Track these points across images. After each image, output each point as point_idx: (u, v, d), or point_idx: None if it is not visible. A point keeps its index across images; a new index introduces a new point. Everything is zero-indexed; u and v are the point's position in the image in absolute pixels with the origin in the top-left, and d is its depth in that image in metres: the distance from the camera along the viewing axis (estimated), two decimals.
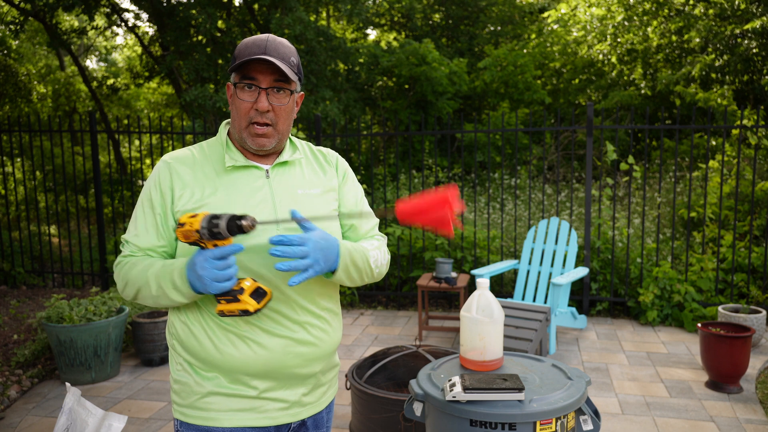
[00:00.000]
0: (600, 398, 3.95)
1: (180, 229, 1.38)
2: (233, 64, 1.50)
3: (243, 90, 1.49)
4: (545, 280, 5.23)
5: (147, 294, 1.49)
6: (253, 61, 1.47)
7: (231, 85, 1.54)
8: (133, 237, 1.54)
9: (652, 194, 7.94)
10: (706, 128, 5.65)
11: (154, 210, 1.52)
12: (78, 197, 10.32)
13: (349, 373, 3.29)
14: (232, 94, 1.54)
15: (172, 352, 1.59)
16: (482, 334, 1.97)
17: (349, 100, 10.55)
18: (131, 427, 3.59)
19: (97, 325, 4.17)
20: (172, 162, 1.55)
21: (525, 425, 1.70)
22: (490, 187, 6.96)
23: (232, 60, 1.53)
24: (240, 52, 1.50)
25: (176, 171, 1.53)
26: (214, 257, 1.36)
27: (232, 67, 1.51)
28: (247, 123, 1.51)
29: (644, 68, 10.85)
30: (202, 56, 9.31)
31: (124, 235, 1.57)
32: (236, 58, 1.50)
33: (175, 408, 1.57)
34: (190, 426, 1.53)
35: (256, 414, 1.53)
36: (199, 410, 1.52)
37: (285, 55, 1.50)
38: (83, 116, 9.71)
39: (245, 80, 1.49)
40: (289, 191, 1.58)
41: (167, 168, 1.54)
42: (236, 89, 1.51)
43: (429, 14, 14.24)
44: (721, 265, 5.70)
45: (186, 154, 1.58)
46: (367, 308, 6.20)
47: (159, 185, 1.52)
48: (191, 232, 1.36)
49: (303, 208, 1.56)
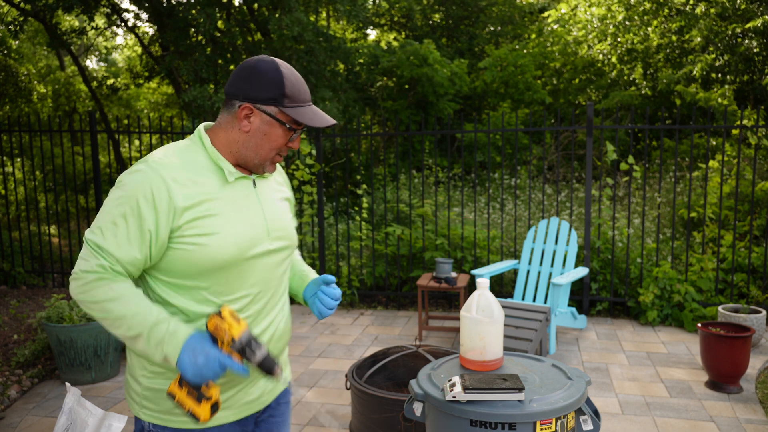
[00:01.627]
0: (600, 398, 3.95)
1: (216, 319, 1.41)
2: (286, 103, 1.52)
3: (282, 127, 1.54)
4: (545, 280, 5.23)
5: (118, 331, 1.45)
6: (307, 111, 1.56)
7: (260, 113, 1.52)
8: (113, 247, 1.44)
9: (652, 194, 7.94)
10: (706, 128, 5.65)
11: (143, 224, 1.44)
12: (78, 197, 10.31)
13: (349, 373, 3.29)
14: (261, 120, 1.53)
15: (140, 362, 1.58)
16: (482, 334, 1.97)
17: (349, 100, 10.55)
18: (131, 427, 3.59)
19: (97, 325, 4.17)
20: (164, 173, 1.46)
21: (525, 425, 1.70)
22: (490, 187, 6.97)
23: (273, 91, 1.51)
24: (293, 94, 1.53)
25: (171, 185, 1.45)
26: (224, 364, 1.40)
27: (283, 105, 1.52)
28: (274, 155, 1.58)
29: (644, 68, 10.85)
30: (202, 56, 9.31)
31: (95, 239, 1.45)
32: (288, 97, 1.52)
33: (146, 413, 1.58)
34: (166, 429, 1.57)
35: (230, 411, 1.62)
36: (178, 415, 1.56)
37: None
38: (83, 116, 9.71)
39: (294, 125, 1.55)
40: (270, 199, 1.66)
41: (161, 181, 1.45)
42: (271, 122, 1.53)
43: (429, 14, 14.24)
44: (721, 265, 5.70)
45: (172, 163, 1.49)
46: (367, 308, 6.20)
47: (153, 201, 1.43)
48: (225, 332, 1.39)
49: (282, 214, 1.68)
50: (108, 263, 1.44)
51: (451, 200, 7.69)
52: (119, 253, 1.44)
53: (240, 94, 1.52)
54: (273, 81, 1.50)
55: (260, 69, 1.51)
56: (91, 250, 1.45)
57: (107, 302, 1.43)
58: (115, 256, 1.44)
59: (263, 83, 1.50)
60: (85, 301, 1.47)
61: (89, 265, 1.44)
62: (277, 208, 1.67)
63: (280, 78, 1.50)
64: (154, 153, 1.52)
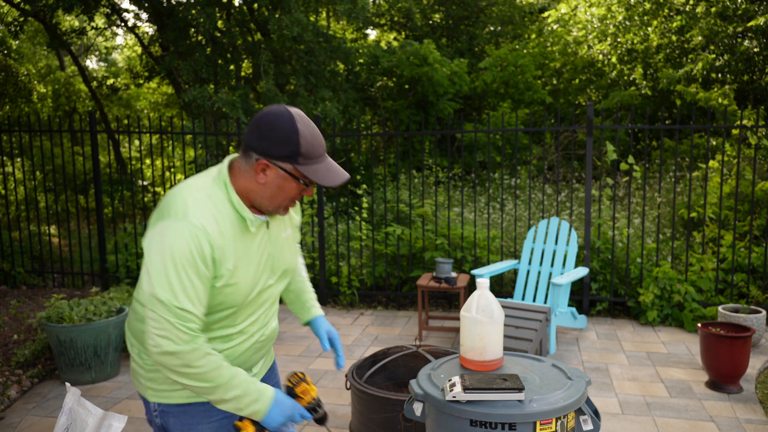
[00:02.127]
0: (600, 398, 3.95)
1: (304, 384, 1.77)
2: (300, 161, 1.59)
3: (296, 181, 1.62)
4: (545, 280, 5.23)
5: (214, 395, 1.59)
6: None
7: (276, 168, 1.60)
8: (195, 308, 1.55)
9: (652, 194, 7.94)
10: (706, 128, 5.65)
11: (202, 279, 1.55)
12: (78, 197, 10.31)
13: (349, 373, 3.29)
14: (276, 175, 1.61)
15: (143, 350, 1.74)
16: (482, 334, 1.97)
17: (349, 100, 10.55)
18: (131, 427, 3.59)
19: (97, 325, 4.17)
20: (210, 231, 1.56)
21: (525, 425, 1.70)
22: (490, 187, 6.97)
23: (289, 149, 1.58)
24: (308, 152, 1.60)
25: (214, 242, 1.57)
26: (304, 416, 1.72)
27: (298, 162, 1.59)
28: (287, 203, 1.68)
29: (644, 68, 10.85)
30: (202, 56, 9.31)
31: (175, 301, 1.52)
32: (303, 155, 1.59)
33: (152, 393, 1.74)
34: (170, 405, 1.73)
35: None
36: (181, 390, 1.71)
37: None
38: (83, 116, 9.69)
39: (308, 181, 1.63)
40: (278, 239, 1.78)
41: (206, 238, 1.55)
42: (285, 177, 1.61)
43: (429, 14, 14.24)
44: (721, 265, 5.70)
45: (207, 216, 1.57)
46: (367, 308, 6.20)
47: (203, 256, 1.54)
48: (308, 393, 1.77)
49: (286, 250, 1.81)
50: (195, 325, 1.55)
51: (451, 200, 7.69)
52: (198, 311, 1.56)
53: (257, 148, 1.59)
54: (289, 139, 1.57)
55: (277, 126, 1.58)
56: (173, 313, 1.52)
57: (212, 371, 1.56)
58: (197, 316, 1.56)
59: (280, 141, 1.57)
60: (190, 374, 1.56)
61: (182, 336, 1.53)
62: (283, 244, 1.80)
63: (296, 136, 1.57)
64: (187, 202, 1.58)
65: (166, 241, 1.52)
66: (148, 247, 1.55)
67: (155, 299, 1.51)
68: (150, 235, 1.56)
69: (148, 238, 1.57)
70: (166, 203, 1.60)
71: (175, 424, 1.74)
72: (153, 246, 1.54)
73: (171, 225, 1.54)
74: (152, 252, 1.53)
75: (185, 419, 1.73)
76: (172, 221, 1.54)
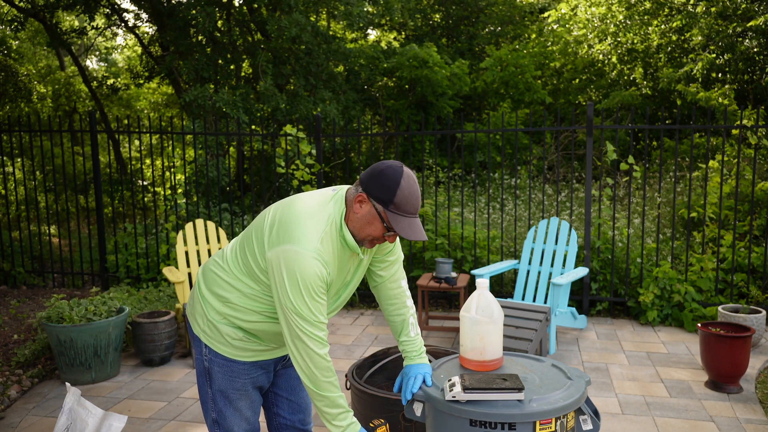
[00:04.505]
0: (600, 398, 3.95)
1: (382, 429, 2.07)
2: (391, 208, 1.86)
3: (381, 223, 1.88)
4: (545, 280, 5.23)
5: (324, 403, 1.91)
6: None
7: (370, 204, 1.88)
8: (324, 317, 1.90)
9: (652, 194, 7.94)
10: (707, 128, 5.65)
11: (324, 293, 1.90)
12: (78, 197, 10.32)
13: (349, 373, 3.29)
14: (369, 210, 1.89)
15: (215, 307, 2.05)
16: (482, 334, 1.97)
17: (348, 101, 10.54)
18: (131, 427, 3.59)
19: (97, 325, 4.18)
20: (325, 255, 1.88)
21: (525, 425, 1.70)
22: (490, 187, 6.96)
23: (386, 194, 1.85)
24: (401, 204, 1.85)
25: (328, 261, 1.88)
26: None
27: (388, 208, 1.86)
28: (372, 239, 1.94)
29: (645, 68, 10.84)
30: (202, 56, 9.31)
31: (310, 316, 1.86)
32: (395, 204, 1.85)
33: (205, 337, 2.07)
34: (218, 354, 2.06)
35: (264, 355, 2.14)
36: (230, 347, 2.06)
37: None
38: (83, 116, 9.69)
39: (391, 227, 1.87)
40: (363, 266, 2.08)
41: (323, 262, 1.86)
42: (374, 215, 1.88)
43: (429, 14, 14.23)
44: (721, 265, 5.70)
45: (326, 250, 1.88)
46: (367, 308, 6.20)
47: (323, 278, 1.87)
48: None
49: (360, 270, 2.08)
50: (326, 332, 1.91)
51: (451, 200, 7.69)
52: (326, 318, 1.93)
53: (364, 184, 1.89)
54: (389, 187, 1.85)
55: (385, 173, 1.86)
56: (311, 323, 1.86)
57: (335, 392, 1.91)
58: (325, 323, 1.91)
59: (382, 185, 1.85)
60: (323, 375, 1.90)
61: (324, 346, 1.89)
62: (363, 270, 2.09)
63: (396, 187, 1.84)
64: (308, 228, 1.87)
65: (294, 267, 1.82)
66: (276, 265, 1.85)
67: (299, 317, 1.85)
68: (275, 254, 1.85)
69: (272, 256, 1.86)
70: (286, 225, 1.88)
71: (218, 373, 2.08)
72: (282, 268, 1.84)
73: (296, 251, 1.83)
74: (282, 273, 1.84)
75: (227, 371, 2.08)
76: (296, 246, 1.83)
